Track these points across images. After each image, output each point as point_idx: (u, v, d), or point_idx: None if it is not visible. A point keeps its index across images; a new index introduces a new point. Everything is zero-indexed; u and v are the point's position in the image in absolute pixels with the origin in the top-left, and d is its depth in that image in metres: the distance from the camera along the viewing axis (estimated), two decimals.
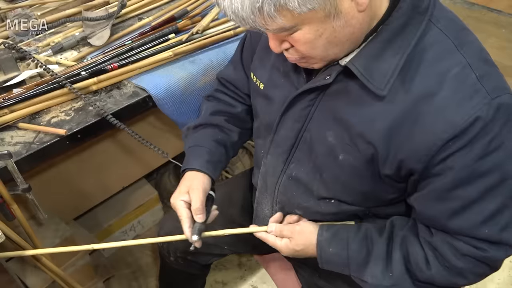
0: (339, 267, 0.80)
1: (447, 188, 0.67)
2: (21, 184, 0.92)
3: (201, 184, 0.86)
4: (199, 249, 1.06)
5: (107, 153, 1.27)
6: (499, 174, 0.65)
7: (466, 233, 0.69)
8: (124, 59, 1.09)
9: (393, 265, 0.75)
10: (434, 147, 0.64)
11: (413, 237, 0.76)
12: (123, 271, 1.60)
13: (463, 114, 0.61)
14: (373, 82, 0.65)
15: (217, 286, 1.55)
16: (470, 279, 0.73)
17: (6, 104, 0.96)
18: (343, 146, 0.73)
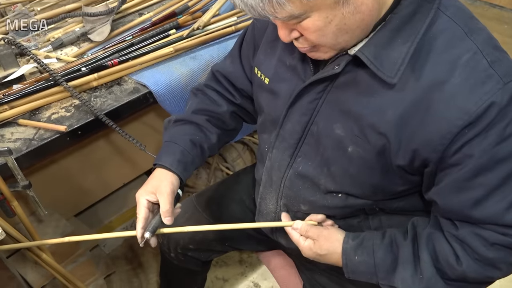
0: (366, 275, 0.78)
1: (468, 177, 0.66)
2: (22, 181, 0.92)
3: (169, 186, 0.83)
4: (201, 245, 1.07)
5: (108, 150, 1.26)
6: None
7: (492, 221, 0.67)
8: (125, 55, 1.08)
9: (422, 267, 0.73)
10: (449, 135, 0.63)
11: (438, 233, 0.74)
12: (124, 267, 1.59)
13: (477, 100, 0.61)
14: (383, 70, 0.65)
15: (218, 282, 1.55)
16: (504, 270, 0.70)
17: (6, 100, 0.96)
18: (352, 138, 0.72)
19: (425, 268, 0.72)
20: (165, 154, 0.89)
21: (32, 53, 1.03)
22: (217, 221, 1.06)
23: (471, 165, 0.64)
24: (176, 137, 0.92)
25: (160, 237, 1.12)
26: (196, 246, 1.08)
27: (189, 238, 1.07)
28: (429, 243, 0.74)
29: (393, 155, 0.69)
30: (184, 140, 0.91)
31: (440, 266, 0.72)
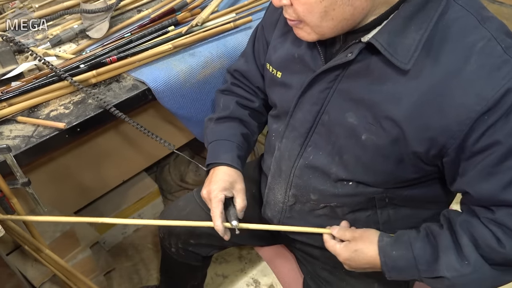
0: (406, 271, 0.75)
1: (496, 162, 0.66)
2: (21, 178, 0.92)
3: (242, 183, 0.89)
4: (201, 240, 1.07)
5: (107, 147, 1.26)
6: None
7: None
8: (123, 52, 1.08)
9: (464, 252, 0.70)
10: (468, 120, 0.64)
11: (473, 219, 0.72)
12: (124, 264, 1.60)
13: (494, 86, 0.62)
14: (397, 57, 0.65)
15: (217, 279, 1.55)
16: None
17: (4, 98, 0.96)
18: (365, 125, 0.72)
19: (468, 252, 0.70)
20: (223, 152, 0.92)
21: (31, 50, 1.03)
22: None
23: (498, 151, 0.65)
24: (226, 134, 0.95)
25: (161, 232, 1.13)
26: (197, 241, 1.09)
27: (190, 232, 1.08)
28: (466, 230, 0.72)
29: (409, 143, 0.69)
30: (236, 136, 0.94)
31: (482, 251, 0.70)
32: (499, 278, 0.71)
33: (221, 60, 1.14)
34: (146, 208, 1.67)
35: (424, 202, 0.82)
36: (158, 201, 1.71)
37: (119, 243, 1.65)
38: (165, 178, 1.85)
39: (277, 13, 0.89)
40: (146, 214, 1.69)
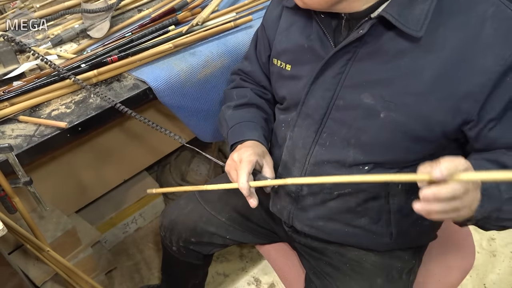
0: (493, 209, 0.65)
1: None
2: (23, 177, 0.92)
3: (269, 155, 0.87)
4: (202, 238, 1.08)
5: (108, 146, 1.27)
6: None
7: None
8: (124, 51, 1.09)
9: None
10: (490, 82, 0.66)
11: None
12: (125, 263, 1.60)
13: (511, 46, 0.65)
14: (409, 25, 0.68)
15: (218, 278, 1.56)
16: None
17: (6, 97, 0.96)
18: (383, 104, 0.73)
19: None
20: (248, 131, 0.91)
21: (33, 49, 1.04)
22: (218, 214, 1.07)
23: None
24: (248, 117, 0.95)
25: (162, 230, 1.14)
26: (198, 239, 1.09)
27: (191, 230, 1.08)
28: None
29: (432, 115, 0.71)
30: (258, 118, 0.95)
31: None
32: None
33: (221, 59, 1.15)
34: (147, 207, 1.67)
35: None
36: (159, 200, 1.71)
37: (120, 242, 1.66)
38: (166, 177, 1.85)
39: (278, 9, 0.90)
40: (147, 213, 1.70)
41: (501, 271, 1.55)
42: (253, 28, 1.21)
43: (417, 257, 0.96)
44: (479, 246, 1.62)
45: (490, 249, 1.61)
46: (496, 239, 1.64)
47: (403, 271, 0.92)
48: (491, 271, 1.55)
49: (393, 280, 0.91)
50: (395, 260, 0.92)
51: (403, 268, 0.92)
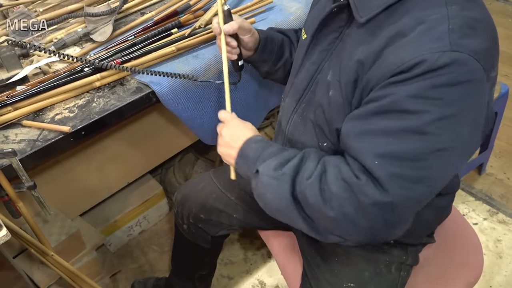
0: (247, 162, 0.79)
1: (371, 111, 0.67)
2: (26, 182, 0.92)
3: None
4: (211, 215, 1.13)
5: (111, 149, 1.27)
6: (422, 123, 0.62)
7: (359, 157, 0.67)
8: (127, 55, 1.09)
9: (286, 166, 0.73)
10: (383, 77, 0.66)
11: (318, 154, 0.76)
12: (129, 266, 1.60)
13: (415, 53, 0.62)
14: (359, 11, 0.72)
15: (223, 280, 1.55)
16: (333, 213, 0.67)
17: (9, 102, 0.96)
18: (334, 82, 0.77)
19: (287, 167, 0.73)
20: None
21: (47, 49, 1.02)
22: (228, 192, 1.12)
23: (380, 102, 0.66)
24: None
25: (176, 205, 1.19)
26: (207, 216, 1.13)
27: (201, 206, 1.13)
28: (305, 158, 0.75)
29: (355, 99, 0.73)
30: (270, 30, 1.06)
31: (298, 172, 0.72)
32: (280, 190, 0.72)
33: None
34: (151, 210, 1.67)
35: None
36: (163, 202, 1.71)
37: (124, 245, 1.66)
38: (170, 179, 1.85)
39: None
40: (151, 215, 1.69)
41: (507, 273, 1.54)
42: None
43: (409, 254, 0.95)
44: (485, 248, 1.60)
45: (496, 250, 1.60)
46: (503, 241, 1.63)
47: (392, 265, 0.93)
48: (498, 273, 1.54)
49: (381, 274, 0.92)
50: (382, 254, 0.93)
51: (391, 262, 0.93)
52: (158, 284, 1.46)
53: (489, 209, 1.74)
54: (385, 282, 0.92)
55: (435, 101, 0.62)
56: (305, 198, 0.70)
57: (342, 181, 0.67)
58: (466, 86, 0.62)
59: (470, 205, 1.76)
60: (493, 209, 1.74)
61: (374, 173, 0.64)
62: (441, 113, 0.62)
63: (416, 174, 0.64)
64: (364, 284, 0.91)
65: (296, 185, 0.71)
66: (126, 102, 1.02)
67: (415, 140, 0.63)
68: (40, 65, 1.06)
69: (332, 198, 0.67)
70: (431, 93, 0.61)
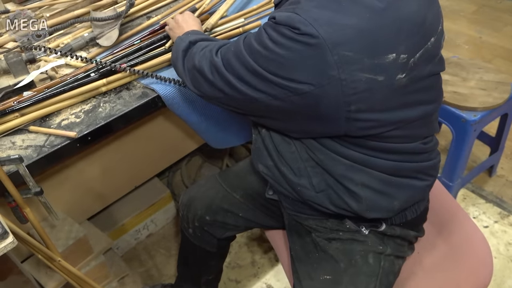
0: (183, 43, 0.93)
1: None
2: (33, 188, 0.92)
3: None
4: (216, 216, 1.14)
5: (118, 153, 1.27)
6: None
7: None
8: (133, 59, 1.08)
9: (194, 47, 0.90)
10: None
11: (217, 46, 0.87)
12: (137, 270, 1.61)
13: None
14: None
15: (230, 284, 1.55)
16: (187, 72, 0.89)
17: (17, 108, 0.97)
18: None
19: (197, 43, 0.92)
20: None
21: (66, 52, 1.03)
22: (233, 191, 1.14)
23: None
24: None
25: (181, 209, 1.20)
26: (212, 217, 1.14)
27: (206, 207, 1.14)
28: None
29: None
30: None
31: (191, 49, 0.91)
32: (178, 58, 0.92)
33: None
34: (158, 213, 1.67)
35: None
36: (171, 206, 1.71)
37: (132, 249, 1.66)
38: (177, 182, 1.85)
39: None
40: (159, 219, 1.70)
41: None
42: None
43: (386, 243, 0.92)
44: (496, 251, 1.58)
45: (507, 254, 1.58)
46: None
47: (368, 255, 0.92)
48: (509, 276, 1.51)
49: (356, 264, 0.91)
50: (356, 244, 0.93)
51: (367, 252, 0.92)
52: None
53: (500, 211, 1.72)
54: (362, 273, 0.90)
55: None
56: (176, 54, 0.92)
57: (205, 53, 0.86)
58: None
59: (480, 208, 1.74)
60: (504, 212, 1.71)
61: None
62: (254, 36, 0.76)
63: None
64: (340, 275, 0.91)
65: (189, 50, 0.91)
66: (132, 107, 1.02)
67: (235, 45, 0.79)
68: (47, 70, 1.06)
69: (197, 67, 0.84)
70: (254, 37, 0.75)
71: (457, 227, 1.07)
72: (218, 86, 0.80)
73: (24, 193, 0.92)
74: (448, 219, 1.09)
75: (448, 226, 1.08)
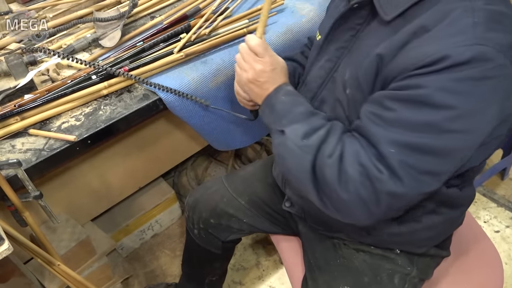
0: (275, 115, 0.79)
1: (391, 96, 0.66)
2: (33, 192, 0.91)
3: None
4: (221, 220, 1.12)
5: (121, 155, 1.26)
6: (443, 117, 0.61)
7: (376, 141, 0.66)
8: (135, 61, 1.07)
9: (312, 137, 0.72)
10: (405, 70, 0.64)
11: (341, 131, 0.74)
12: (141, 271, 1.60)
13: (438, 48, 0.61)
14: (385, 9, 0.70)
15: (234, 286, 1.54)
16: (346, 195, 0.67)
17: (17, 111, 0.96)
18: (351, 81, 0.75)
19: (313, 139, 0.72)
20: None
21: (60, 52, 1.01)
22: (239, 197, 1.12)
23: (403, 91, 0.64)
24: None
25: (187, 210, 1.19)
26: (217, 220, 1.12)
27: (211, 211, 1.12)
28: (331, 130, 0.73)
29: (377, 88, 0.71)
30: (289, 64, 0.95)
31: (322, 147, 0.71)
32: (302, 161, 0.72)
33: (233, 67, 1.12)
34: (163, 213, 1.66)
35: None
36: (176, 206, 1.70)
37: (136, 249, 1.66)
38: (183, 183, 1.84)
39: None
40: (164, 219, 1.69)
41: None
42: (266, 34, 1.17)
43: (414, 265, 0.91)
44: (507, 257, 1.54)
45: None
46: None
47: (394, 275, 0.90)
48: None
49: (381, 282, 0.89)
50: (386, 261, 0.90)
51: (395, 272, 0.90)
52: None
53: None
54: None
55: (457, 95, 0.60)
56: (322, 174, 0.69)
57: (359, 166, 0.66)
58: (492, 81, 0.60)
59: (492, 212, 1.70)
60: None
61: (389, 161, 0.64)
62: (462, 109, 0.60)
63: (432, 168, 0.64)
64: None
65: (317, 159, 0.70)
66: (133, 110, 1.00)
67: (434, 135, 0.62)
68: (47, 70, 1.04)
69: (349, 181, 0.67)
70: (454, 86, 0.60)
71: (465, 234, 1.04)
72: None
73: (23, 197, 0.92)
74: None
75: (457, 234, 1.04)
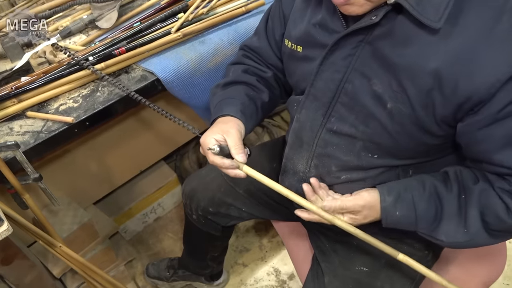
0: (405, 226, 0.77)
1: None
2: (32, 174, 0.91)
3: (236, 127, 0.83)
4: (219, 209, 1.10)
5: (121, 137, 1.25)
6: None
7: None
8: (132, 42, 1.06)
9: (468, 221, 0.72)
10: (498, 83, 0.61)
11: (490, 189, 0.71)
12: (145, 253, 1.61)
13: None
14: (426, 15, 0.63)
15: (238, 268, 1.54)
16: None
17: (14, 93, 0.95)
18: (390, 94, 0.70)
19: (472, 223, 0.71)
20: (226, 106, 0.89)
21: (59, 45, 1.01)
22: (236, 186, 1.08)
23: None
24: (232, 94, 0.92)
25: (184, 198, 1.16)
26: (216, 209, 1.10)
27: (209, 200, 1.10)
28: (482, 199, 0.71)
29: (436, 108, 0.67)
30: (241, 95, 0.91)
31: (487, 219, 0.71)
32: (490, 241, 0.73)
33: (232, 46, 1.10)
34: (165, 197, 1.67)
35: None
36: (178, 189, 1.70)
37: (140, 232, 1.66)
38: (185, 166, 1.84)
39: None
40: (166, 202, 1.69)
41: None
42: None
43: (431, 250, 0.92)
44: None
45: None
46: None
47: (411, 257, 0.87)
48: None
49: (398, 263, 0.87)
50: (403, 245, 0.90)
51: (411, 254, 0.87)
52: (172, 264, 1.46)
53: None
54: (402, 273, 0.88)
55: None
56: (510, 229, 0.72)
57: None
58: None
59: None
60: None
61: None
62: None
63: None
64: (378, 269, 0.89)
65: (492, 228, 0.71)
66: (131, 90, 0.99)
67: None
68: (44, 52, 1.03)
69: None
70: None
71: None
72: None
73: (23, 179, 0.92)
74: None
75: None
